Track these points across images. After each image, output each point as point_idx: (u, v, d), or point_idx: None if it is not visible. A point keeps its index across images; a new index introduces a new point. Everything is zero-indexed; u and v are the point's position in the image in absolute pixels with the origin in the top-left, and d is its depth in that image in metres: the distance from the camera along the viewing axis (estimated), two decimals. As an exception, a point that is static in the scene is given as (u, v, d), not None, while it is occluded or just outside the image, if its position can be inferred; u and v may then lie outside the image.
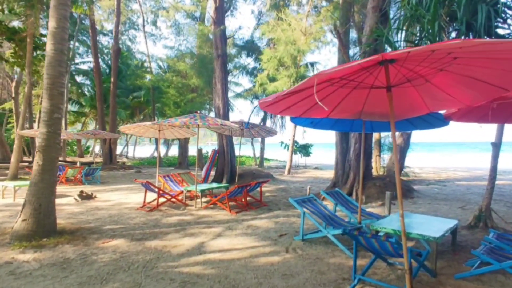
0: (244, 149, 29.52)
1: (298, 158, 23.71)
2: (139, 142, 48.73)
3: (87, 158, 29.16)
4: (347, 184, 9.45)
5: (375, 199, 9.04)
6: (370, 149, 9.75)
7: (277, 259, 4.64)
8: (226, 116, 12.55)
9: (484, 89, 3.35)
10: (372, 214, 5.87)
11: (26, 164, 19.34)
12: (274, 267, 4.34)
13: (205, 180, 11.56)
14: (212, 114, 21.17)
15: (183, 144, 20.91)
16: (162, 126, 10.10)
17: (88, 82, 33.08)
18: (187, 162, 21.23)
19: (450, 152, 56.78)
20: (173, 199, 8.71)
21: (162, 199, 8.47)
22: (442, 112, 4.93)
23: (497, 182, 14.02)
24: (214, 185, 9.36)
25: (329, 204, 7.82)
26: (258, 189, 9.11)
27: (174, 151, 38.01)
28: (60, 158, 29.61)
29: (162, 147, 34.54)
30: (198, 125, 8.21)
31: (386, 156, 14.23)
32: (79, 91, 31.90)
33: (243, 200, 8.47)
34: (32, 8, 13.95)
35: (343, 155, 10.00)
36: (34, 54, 17.29)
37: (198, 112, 8.42)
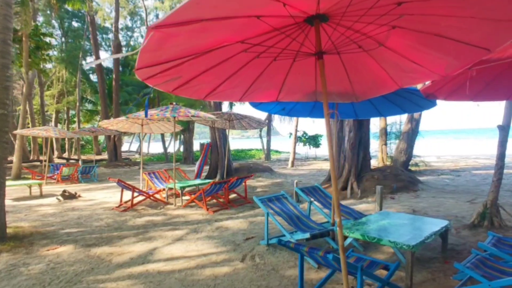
0: (256, 142, 28.91)
1: (308, 150, 22.76)
2: (153, 138, 49.07)
3: (104, 156, 29.40)
4: (342, 177, 8.57)
5: (372, 193, 8.12)
6: (367, 137, 8.79)
7: (225, 270, 3.94)
8: (217, 107, 11.86)
9: (457, 50, 2.48)
10: (352, 213, 5.04)
11: (28, 164, 19.53)
12: (215, 281, 3.64)
13: (198, 176, 11.00)
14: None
15: (188, 139, 20.48)
16: (145, 121, 9.56)
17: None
18: (193, 157, 20.78)
19: (476, 138, 53.57)
20: (155, 197, 8.17)
21: (142, 198, 7.97)
22: (417, 87, 4.02)
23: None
24: (197, 181, 8.75)
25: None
26: (243, 184, 8.41)
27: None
28: (72, 156, 30.10)
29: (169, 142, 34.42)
30: (175, 117, 7.60)
31: (396, 146, 13.09)
32: (92, 89, 32.15)
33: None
34: (22, 6, 13.73)
35: (339, 145, 9.09)
36: (38, 53, 17.28)
37: (173, 103, 7.81)
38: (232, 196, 8.67)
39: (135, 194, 7.83)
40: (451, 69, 2.72)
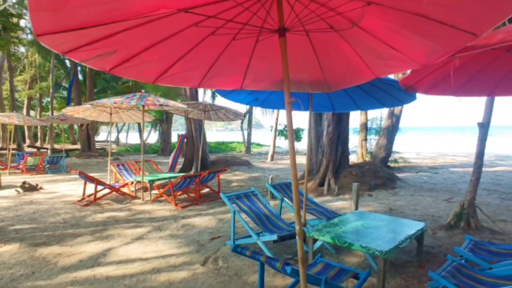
0: (239, 135, 28.39)
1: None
2: (133, 127, 47.79)
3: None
4: (319, 173, 8.31)
5: (349, 190, 7.89)
6: (346, 132, 8.55)
7: (182, 275, 3.56)
8: (194, 97, 11.35)
9: (441, 34, 2.16)
10: (325, 213, 4.74)
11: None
12: (169, 289, 3.27)
13: (171, 169, 10.51)
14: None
15: (165, 130, 19.81)
16: (114, 109, 8.98)
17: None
18: (170, 148, 20.17)
19: (456, 136, 54.89)
20: (121, 191, 7.66)
21: (107, 191, 7.46)
22: (393, 77, 3.72)
23: (497, 168, 12.82)
24: (167, 174, 8.28)
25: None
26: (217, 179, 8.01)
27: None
28: (45, 145, 28.75)
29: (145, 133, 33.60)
30: (143, 106, 7.10)
31: (376, 141, 12.96)
32: (68, 75, 30.66)
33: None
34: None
35: (317, 139, 8.81)
36: (6, 35, 16.13)
37: (142, 91, 7.29)
38: (205, 190, 8.28)
39: (100, 187, 7.32)
40: (433, 57, 2.40)
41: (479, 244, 3.50)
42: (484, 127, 4.87)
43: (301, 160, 17.07)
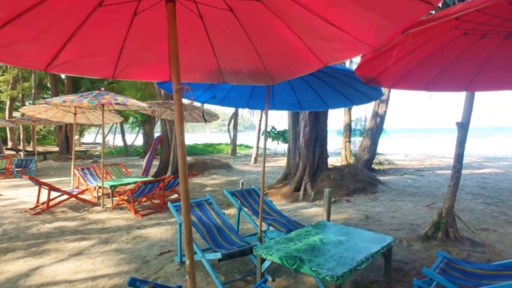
0: (225, 137, 27.71)
1: (276, 145, 22.00)
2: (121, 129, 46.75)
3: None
4: (295, 177, 7.80)
5: (327, 195, 7.40)
6: (324, 133, 8.06)
7: (106, 303, 3.02)
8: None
9: (389, 4, 1.66)
10: (287, 224, 4.22)
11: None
12: (82, 322, 2.71)
13: (145, 173, 9.93)
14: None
15: (148, 131, 19.18)
16: (79, 109, 8.39)
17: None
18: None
19: (446, 137, 54.76)
20: (79, 197, 7.08)
21: (66, 198, 6.87)
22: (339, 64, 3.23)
23: (484, 170, 12.44)
24: (132, 179, 7.70)
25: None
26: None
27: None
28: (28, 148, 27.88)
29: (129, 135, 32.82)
30: (103, 104, 6.52)
31: (360, 143, 12.49)
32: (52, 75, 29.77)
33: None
34: None
35: (295, 141, 8.31)
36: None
37: (101, 89, 6.74)
38: (174, 196, 7.72)
39: (56, 194, 6.74)
40: (383, 36, 1.90)
41: (453, 263, 3.01)
42: (463, 127, 4.41)
43: (283, 162, 16.60)
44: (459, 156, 4.48)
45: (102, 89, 6.78)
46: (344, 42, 2.06)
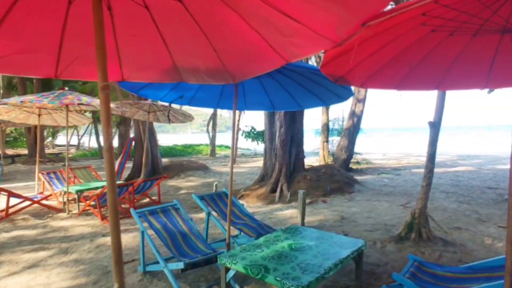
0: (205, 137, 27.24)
1: (256, 146, 21.85)
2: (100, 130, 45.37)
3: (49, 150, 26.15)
4: (271, 178, 7.67)
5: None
6: (301, 133, 7.97)
7: (55, 322, 2.76)
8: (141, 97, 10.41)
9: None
10: (258, 228, 4.05)
11: None
12: None
13: (117, 176, 9.54)
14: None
15: (124, 133, 18.59)
16: (41, 110, 7.94)
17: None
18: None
19: (424, 135, 55.83)
20: (41, 203, 6.67)
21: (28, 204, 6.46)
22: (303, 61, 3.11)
23: (458, 168, 12.74)
24: (100, 183, 7.33)
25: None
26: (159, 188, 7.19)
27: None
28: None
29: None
30: (67, 105, 6.16)
31: (338, 143, 12.50)
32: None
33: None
34: None
35: (271, 141, 8.18)
36: None
37: (65, 88, 6.38)
38: (146, 200, 7.43)
39: (18, 200, 6.32)
40: (344, 28, 1.76)
41: (424, 266, 2.93)
42: (435, 127, 4.38)
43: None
44: (431, 156, 4.46)
45: (66, 88, 6.41)
46: (304, 36, 1.91)
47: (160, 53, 2.28)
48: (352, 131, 11.20)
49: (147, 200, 7.36)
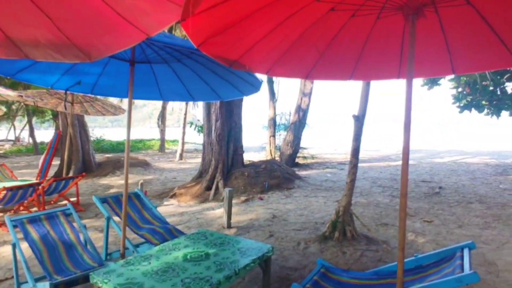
0: (172, 132, 25.78)
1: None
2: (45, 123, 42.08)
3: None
4: (207, 175, 7.23)
5: (240, 192, 6.97)
6: (239, 127, 7.59)
7: None
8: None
9: None
10: (165, 233, 3.58)
11: None
12: None
13: (41, 174, 8.53)
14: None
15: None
16: None
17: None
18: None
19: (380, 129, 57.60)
20: None
21: None
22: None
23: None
24: (8, 183, 6.43)
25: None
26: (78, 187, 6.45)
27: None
28: None
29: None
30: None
31: (284, 138, 12.33)
32: None
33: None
34: None
35: (209, 136, 7.72)
36: None
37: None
38: (63, 202, 6.64)
39: None
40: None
41: (330, 272, 2.66)
42: (359, 120, 4.19)
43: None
44: (356, 151, 4.28)
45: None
46: (150, 1, 1.48)
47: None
48: (298, 126, 11.07)
49: (64, 202, 6.58)
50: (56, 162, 10.18)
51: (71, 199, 6.65)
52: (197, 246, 2.91)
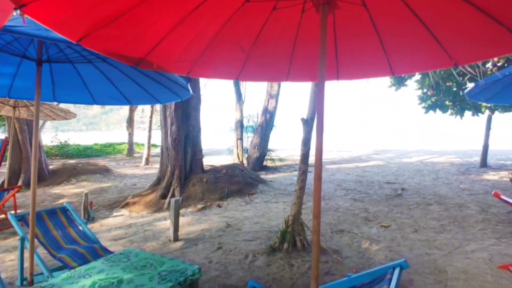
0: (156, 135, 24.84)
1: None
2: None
3: None
4: (163, 182, 6.83)
5: (198, 200, 6.62)
6: (197, 131, 7.26)
7: None
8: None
9: None
10: (89, 255, 3.19)
11: None
12: None
13: (-15, 184, 7.85)
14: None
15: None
16: None
17: None
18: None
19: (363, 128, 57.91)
20: None
21: None
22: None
23: (369, 163, 13.20)
24: None
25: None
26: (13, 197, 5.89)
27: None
28: None
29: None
30: None
31: (251, 140, 12.06)
32: None
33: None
34: None
35: (166, 140, 7.32)
36: None
37: None
38: (1, 216, 6.06)
39: None
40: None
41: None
42: (307, 124, 3.97)
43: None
44: (304, 156, 4.04)
45: None
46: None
47: None
48: (265, 128, 10.84)
49: (2, 216, 6.00)
50: (4, 170, 9.48)
51: (12, 212, 6.08)
52: (113, 271, 2.56)
